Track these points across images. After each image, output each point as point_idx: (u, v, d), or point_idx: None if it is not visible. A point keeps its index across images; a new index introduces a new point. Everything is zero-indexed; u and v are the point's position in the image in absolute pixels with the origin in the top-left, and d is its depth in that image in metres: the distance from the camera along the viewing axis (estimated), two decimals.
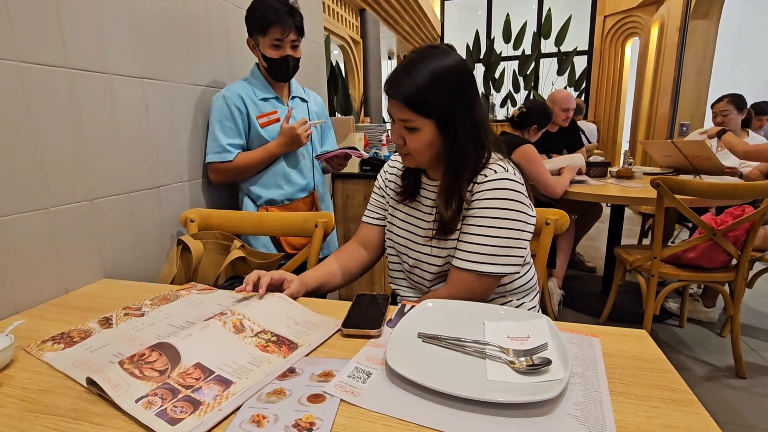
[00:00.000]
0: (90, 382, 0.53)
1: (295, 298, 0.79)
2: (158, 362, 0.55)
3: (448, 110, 0.76)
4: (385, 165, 0.99)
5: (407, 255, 0.90)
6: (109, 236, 1.00)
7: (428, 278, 0.87)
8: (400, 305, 0.76)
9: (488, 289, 0.81)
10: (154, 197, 1.13)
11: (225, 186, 1.41)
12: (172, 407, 0.48)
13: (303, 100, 1.41)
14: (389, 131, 2.97)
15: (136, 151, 1.07)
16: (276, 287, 0.80)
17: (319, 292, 0.88)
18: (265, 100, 1.30)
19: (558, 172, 2.15)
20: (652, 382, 0.53)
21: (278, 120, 1.30)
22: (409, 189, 0.90)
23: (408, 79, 0.75)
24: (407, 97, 0.75)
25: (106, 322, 0.72)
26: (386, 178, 0.97)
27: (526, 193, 0.79)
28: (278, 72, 1.28)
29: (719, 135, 2.30)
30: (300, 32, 1.25)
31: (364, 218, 1.00)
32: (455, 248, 0.81)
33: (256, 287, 0.78)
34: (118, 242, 1.02)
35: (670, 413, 0.47)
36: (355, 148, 1.35)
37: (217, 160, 1.24)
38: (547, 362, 0.54)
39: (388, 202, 0.96)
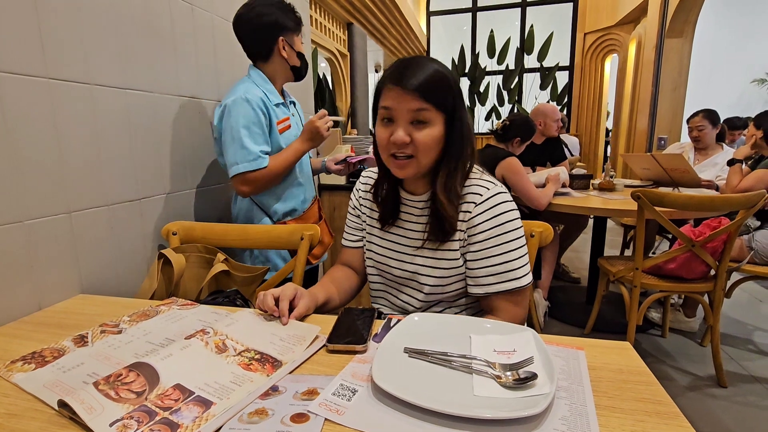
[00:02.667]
0: (62, 404, 0.51)
1: (306, 317, 0.76)
2: (135, 383, 0.53)
3: (454, 107, 0.75)
4: (357, 184, 0.97)
5: (391, 273, 0.88)
6: (87, 250, 0.97)
7: (420, 297, 0.85)
8: (386, 320, 0.75)
9: (523, 310, 0.82)
10: (136, 209, 1.11)
11: (210, 198, 1.39)
12: (148, 431, 0.46)
13: (294, 104, 1.42)
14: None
15: (118, 162, 1.05)
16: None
17: (324, 309, 0.85)
18: (277, 105, 1.27)
19: (543, 185, 2.18)
20: (637, 394, 0.53)
21: (290, 127, 1.29)
22: (389, 212, 0.87)
23: (420, 71, 0.73)
24: (422, 84, 0.71)
25: (81, 340, 0.70)
26: (359, 197, 0.95)
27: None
28: (305, 68, 1.32)
29: (730, 163, 2.24)
30: None
31: (343, 242, 0.98)
32: (456, 265, 0.80)
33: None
34: (96, 256, 0.99)
35: (655, 427, 0.47)
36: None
37: (251, 169, 1.15)
38: (533, 376, 0.54)
39: (364, 221, 0.94)
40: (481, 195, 0.78)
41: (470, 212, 0.78)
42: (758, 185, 1.96)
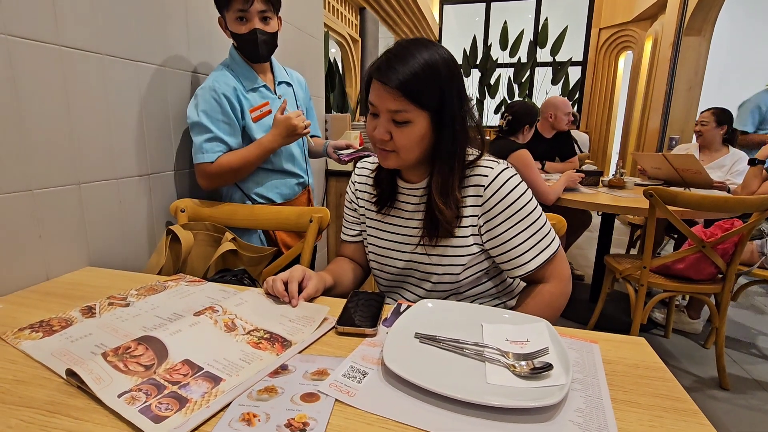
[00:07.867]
0: (70, 373, 0.50)
1: (314, 299, 0.75)
2: (144, 357, 0.53)
3: (443, 102, 0.71)
4: (353, 176, 0.93)
5: (392, 266, 0.86)
6: (95, 222, 0.96)
7: (427, 288, 0.84)
8: (396, 304, 0.74)
9: (567, 266, 0.81)
10: (144, 185, 1.10)
11: None
12: (156, 404, 0.46)
13: (288, 84, 1.31)
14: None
15: (127, 135, 1.03)
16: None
17: (331, 293, 0.83)
18: (254, 90, 1.18)
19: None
20: (654, 390, 0.52)
21: (270, 112, 1.20)
22: (385, 196, 0.85)
23: (403, 66, 0.68)
24: (403, 83, 0.67)
25: (89, 311, 0.69)
26: (356, 190, 0.92)
27: None
28: (249, 50, 1.14)
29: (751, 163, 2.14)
30: (270, 1, 1.10)
31: (342, 236, 0.95)
32: (467, 253, 0.79)
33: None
34: (104, 229, 0.99)
35: (674, 423, 0.46)
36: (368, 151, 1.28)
37: (206, 161, 1.10)
38: (549, 367, 0.52)
39: (363, 214, 0.91)
40: (487, 176, 0.76)
41: (481, 196, 0.76)
42: None
